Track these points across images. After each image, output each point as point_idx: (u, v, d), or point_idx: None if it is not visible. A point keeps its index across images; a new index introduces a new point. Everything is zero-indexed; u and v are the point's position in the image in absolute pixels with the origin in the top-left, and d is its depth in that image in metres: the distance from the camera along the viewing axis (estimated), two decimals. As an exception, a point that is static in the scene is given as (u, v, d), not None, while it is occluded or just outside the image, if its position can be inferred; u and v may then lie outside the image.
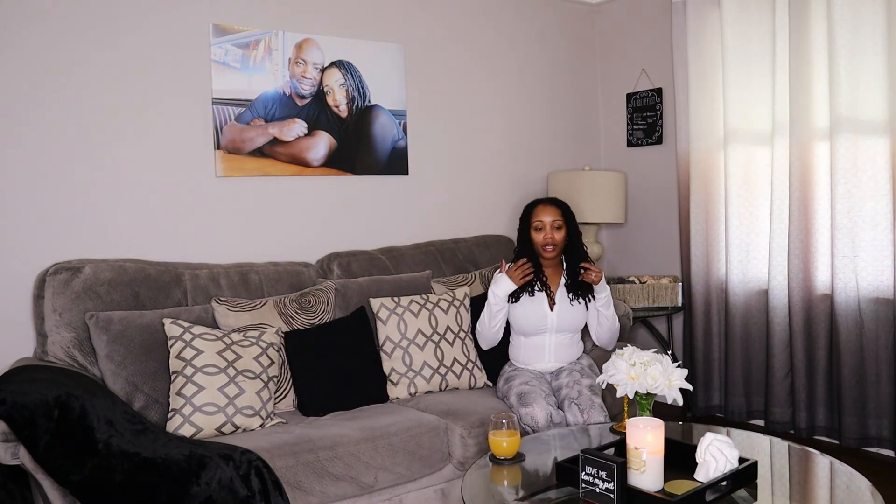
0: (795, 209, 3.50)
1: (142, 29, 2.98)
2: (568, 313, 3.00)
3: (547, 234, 2.98)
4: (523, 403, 2.75)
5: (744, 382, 3.81)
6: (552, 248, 2.99)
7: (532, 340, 3.01)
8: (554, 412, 2.74)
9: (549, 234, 2.98)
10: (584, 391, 2.79)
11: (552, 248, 2.99)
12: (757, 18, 3.66)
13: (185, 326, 2.66)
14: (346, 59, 3.49)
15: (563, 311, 2.99)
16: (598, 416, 2.72)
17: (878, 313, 3.29)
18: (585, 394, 2.77)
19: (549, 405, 2.74)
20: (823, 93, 3.42)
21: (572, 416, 2.73)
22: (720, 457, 1.95)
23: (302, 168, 3.39)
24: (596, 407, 2.73)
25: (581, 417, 2.70)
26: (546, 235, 2.98)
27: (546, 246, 2.99)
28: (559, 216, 3.00)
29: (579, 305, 3.01)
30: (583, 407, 2.73)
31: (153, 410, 2.59)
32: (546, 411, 2.71)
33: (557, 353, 3.01)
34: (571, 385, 2.84)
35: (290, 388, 2.87)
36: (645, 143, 4.33)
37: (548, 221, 2.99)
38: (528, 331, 3.00)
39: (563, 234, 3.00)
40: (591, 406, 2.73)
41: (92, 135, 2.89)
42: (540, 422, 2.69)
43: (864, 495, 1.95)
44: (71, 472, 2.07)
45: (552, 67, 4.35)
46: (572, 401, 2.77)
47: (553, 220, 2.99)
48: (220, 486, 2.10)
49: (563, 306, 3.00)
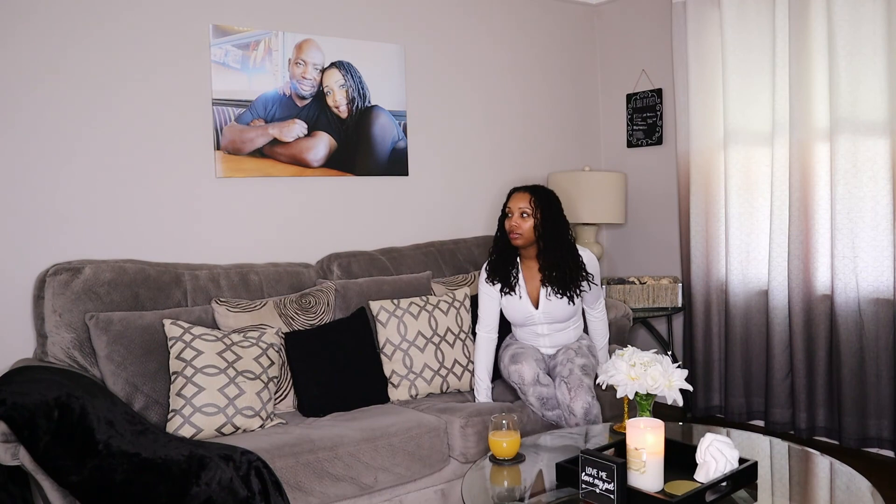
0: (795, 210, 3.50)
1: (142, 29, 2.98)
2: (553, 308, 2.90)
3: (513, 221, 2.86)
4: (513, 361, 2.81)
5: (744, 383, 3.81)
6: (517, 237, 2.85)
7: (525, 329, 3.02)
8: (542, 374, 2.77)
9: (514, 220, 2.85)
10: (575, 370, 2.77)
11: (517, 235, 2.85)
12: (757, 19, 3.66)
13: (185, 327, 2.66)
14: (346, 60, 3.50)
15: (548, 307, 2.91)
16: (586, 395, 2.72)
17: (878, 314, 3.29)
18: (576, 373, 2.76)
19: (538, 367, 2.78)
20: (823, 93, 3.42)
21: (561, 394, 2.75)
22: (720, 457, 1.95)
23: (302, 169, 3.39)
24: (584, 387, 2.73)
25: (568, 395, 2.71)
26: (511, 222, 2.86)
27: (511, 233, 2.86)
28: (528, 203, 2.84)
29: (562, 300, 2.89)
30: (571, 385, 2.73)
31: (153, 411, 2.59)
32: (534, 370, 2.76)
33: (553, 338, 3.00)
34: (565, 363, 2.84)
35: (290, 388, 2.87)
36: (645, 143, 4.33)
37: (515, 208, 2.86)
38: (519, 323, 3.00)
39: (533, 222, 2.85)
40: (580, 386, 2.72)
41: (92, 135, 2.89)
42: (526, 378, 2.73)
43: (864, 496, 1.94)
44: (71, 473, 2.07)
45: (552, 68, 4.35)
46: (562, 379, 2.77)
47: (521, 208, 2.84)
48: (220, 487, 2.10)
49: (546, 303, 2.91)
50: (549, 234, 2.85)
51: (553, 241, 2.85)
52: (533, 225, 2.85)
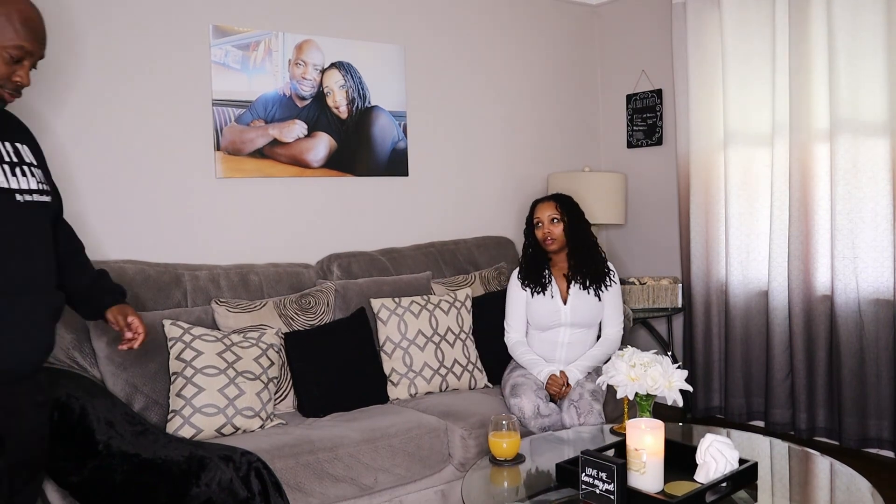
0: (795, 210, 3.50)
1: (142, 29, 2.98)
2: (581, 306, 3.01)
3: (545, 228, 3.04)
4: (513, 394, 2.83)
5: (744, 383, 3.81)
6: (552, 241, 3.04)
7: (547, 335, 3.03)
8: (542, 405, 2.79)
9: (546, 228, 3.04)
10: (584, 395, 2.79)
11: (552, 241, 3.04)
12: (757, 19, 3.66)
13: (185, 328, 2.66)
14: (346, 61, 3.50)
15: (577, 305, 3.02)
16: (596, 421, 2.72)
17: (878, 314, 3.29)
18: (586, 398, 2.77)
19: (538, 398, 2.79)
20: (823, 94, 3.42)
21: (569, 417, 2.74)
22: (720, 458, 1.95)
23: (302, 169, 3.39)
24: (594, 413, 2.73)
25: (577, 421, 2.71)
26: (544, 230, 3.04)
27: (545, 240, 3.04)
28: (556, 210, 3.05)
29: (592, 297, 3.02)
30: (581, 411, 2.73)
31: (153, 412, 2.59)
32: (533, 403, 2.77)
33: (570, 350, 3.01)
34: (575, 387, 2.85)
35: (290, 389, 2.87)
36: (645, 144, 4.33)
37: (545, 217, 3.05)
38: (544, 325, 3.03)
39: (563, 226, 3.04)
40: (590, 412, 2.73)
41: (91, 135, 2.89)
42: (526, 412, 2.76)
43: (864, 496, 1.95)
44: (71, 473, 2.07)
45: (552, 68, 4.35)
46: (572, 402, 2.77)
47: (550, 215, 3.04)
48: (219, 488, 2.10)
49: (575, 300, 3.02)
50: (578, 234, 3.07)
51: (582, 241, 3.07)
52: (563, 228, 3.04)
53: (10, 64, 1.69)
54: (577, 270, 3.04)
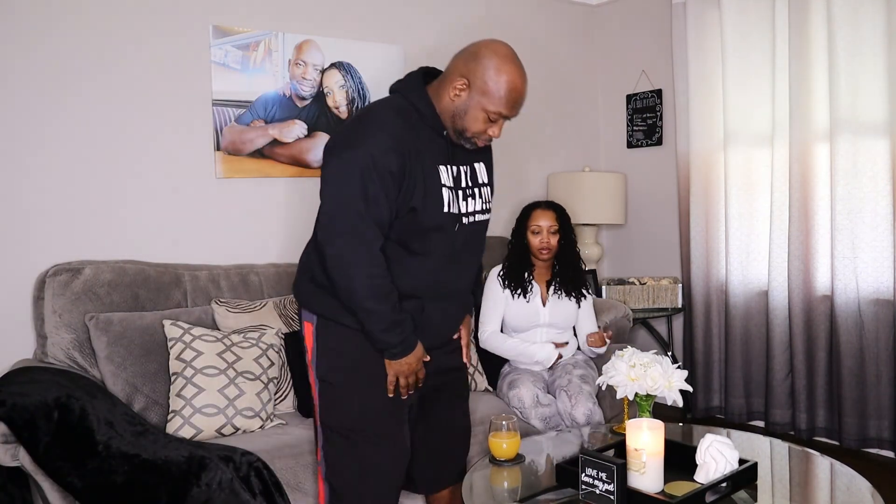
0: (795, 210, 3.50)
1: (141, 30, 2.98)
2: (559, 309, 3.07)
3: (544, 238, 3.07)
4: (511, 387, 2.89)
5: (744, 384, 3.81)
6: (548, 252, 3.07)
7: (523, 336, 3.08)
8: (541, 394, 2.84)
9: (545, 238, 3.07)
10: (573, 379, 2.86)
11: (548, 251, 3.07)
12: (757, 19, 3.66)
13: (185, 328, 2.66)
14: (346, 61, 3.49)
15: (555, 308, 3.07)
16: (587, 402, 2.77)
17: (878, 315, 3.29)
18: (575, 381, 2.85)
19: (536, 388, 2.85)
20: (823, 94, 3.41)
21: (562, 403, 2.81)
22: (720, 458, 1.95)
23: (302, 169, 3.39)
24: (584, 393, 2.79)
25: (569, 403, 2.77)
26: (542, 240, 3.07)
27: (542, 250, 3.07)
28: (556, 221, 3.09)
29: (570, 302, 3.08)
30: (571, 393, 2.80)
31: (153, 412, 2.59)
32: (532, 392, 2.83)
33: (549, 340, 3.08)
34: (563, 375, 2.92)
35: (290, 389, 2.87)
36: (645, 144, 4.33)
37: (545, 226, 3.07)
38: (521, 326, 3.07)
39: (558, 238, 3.09)
40: (580, 392, 2.79)
41: (91, 136, 2.89)
42: (526, 401, 2.81)
43: (864, 497, 1.95)
44: (71, 474, 2.07)
45: (552, 68, 4.34)
46: (562, 388, 2.85)
47: (550, 226, 3.08)
48: (220, 488, 2.10)
49: (553, 303, 3.07)
50: (570, 247, 3.14)
51: (571, 251, 3.14)
52: (558, 240, 3.10)
53: (487, 122, 2.04)
54: (561, 277, 3.10)
